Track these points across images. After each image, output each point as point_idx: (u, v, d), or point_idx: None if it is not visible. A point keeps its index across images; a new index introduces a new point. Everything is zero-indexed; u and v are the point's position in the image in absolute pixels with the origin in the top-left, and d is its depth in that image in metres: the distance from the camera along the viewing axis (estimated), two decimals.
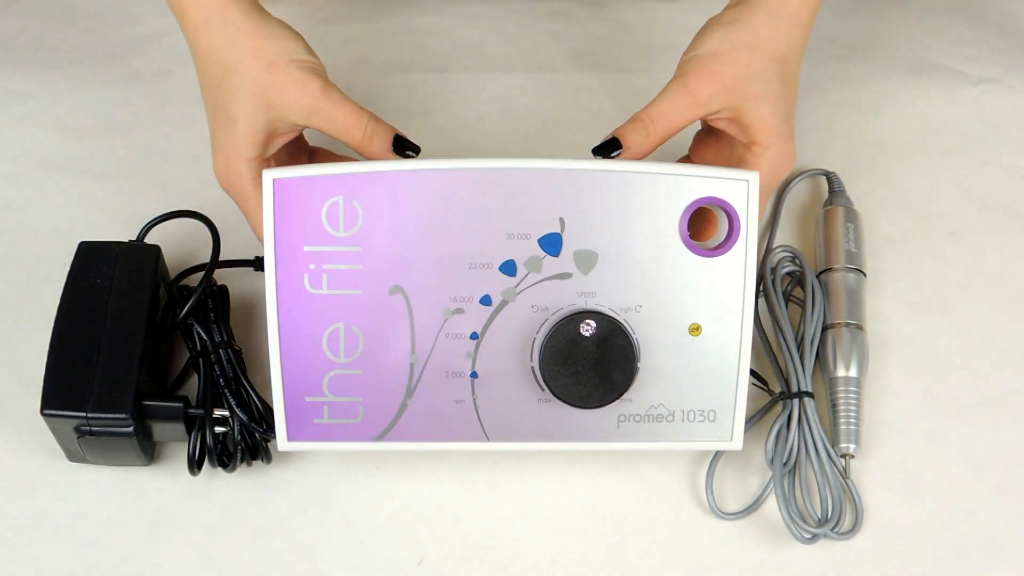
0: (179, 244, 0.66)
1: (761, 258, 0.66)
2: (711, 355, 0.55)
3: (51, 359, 0.56)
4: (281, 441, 0.55)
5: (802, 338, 0.61)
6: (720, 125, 0.58)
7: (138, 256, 0.60)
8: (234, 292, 0.63)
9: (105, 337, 0.56)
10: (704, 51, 0.57)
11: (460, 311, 0.54)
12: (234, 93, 0.55)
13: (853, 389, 0.60)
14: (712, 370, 0.55)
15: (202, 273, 0.60)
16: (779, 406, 0.60)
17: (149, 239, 0.62)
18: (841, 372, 0.60)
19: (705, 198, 0.54)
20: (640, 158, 0.57)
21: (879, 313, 0.65)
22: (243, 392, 0.58)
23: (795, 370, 0.60)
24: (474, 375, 0.54)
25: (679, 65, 0.58)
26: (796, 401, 0.59)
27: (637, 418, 0.55)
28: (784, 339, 0.61)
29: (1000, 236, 0.68)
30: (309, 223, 0.54)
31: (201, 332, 0.59)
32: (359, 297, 0.54)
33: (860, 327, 0.62)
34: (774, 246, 0.66)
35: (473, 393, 0.55)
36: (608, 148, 0.57)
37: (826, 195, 0.69)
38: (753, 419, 0.60)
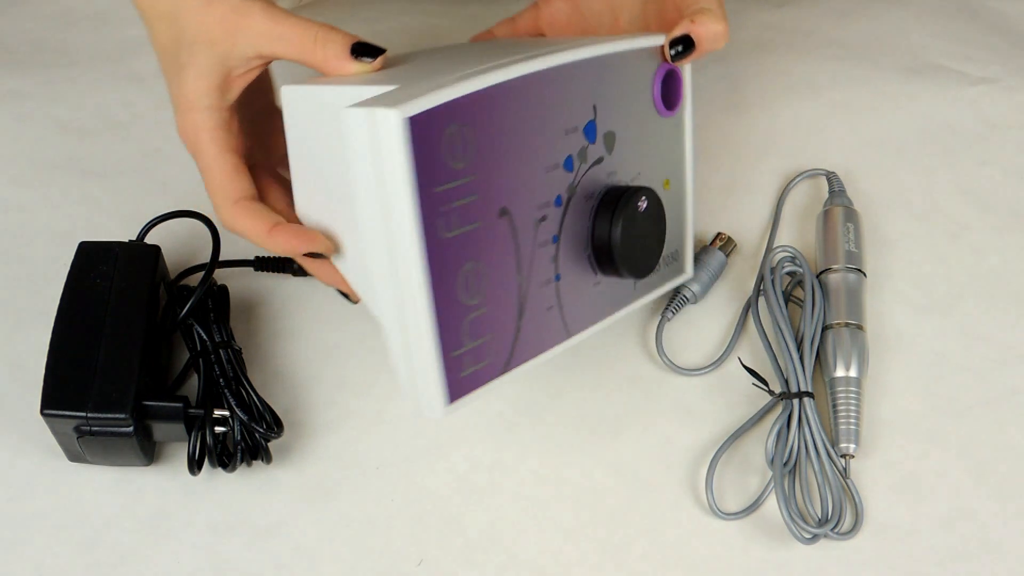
0: (179, 244, 0.66)
1: (762, 258, 0.66)
2: (676, 205, 0.60)
3: (51, 359, 0.56)
4: (438, 408, 0.50)
5: (802, 338, 0.61)
6: None
7: (138, 256, 0.60)
8: (234, 292, 0.64)
9: (105, 337, 0.56)
10: None
11: (544, 218, 0.53)
12: (178, 41, 0.53)
13: (853, 389, 0.60)
14: (676, 218, 0.61)
15: (202, 273, 0.60)
16: (779, 406, 0.60)
17: (149, 239, 0.62)
18: (841, 372, 0.60)
19: (665, 64, 0.57)
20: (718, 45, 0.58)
21: (879, 313, 0.65)
22: (243, 392, 0.58)
23: (795, 370, 0.60)
24: (558, 278, 0.54)
25: None
26: (796, 401, 0.59)
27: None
28: (784, 339, 0.61)
29: (1000, 236, 0.69)
30: (437, 160, 0.47)
31: (201, 332, 0.59)
32: (479, 230, 0.49)
33: (860, 327, 0.62)
34: (774, 246, 0.66)
35: (558, 296, 0.54)
36: (686, 46, 0.57)
37: (826, 195, 0.69)
38: (753, 419, 0.60)
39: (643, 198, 0.55)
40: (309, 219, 0.54)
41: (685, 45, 0.57)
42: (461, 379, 0.50)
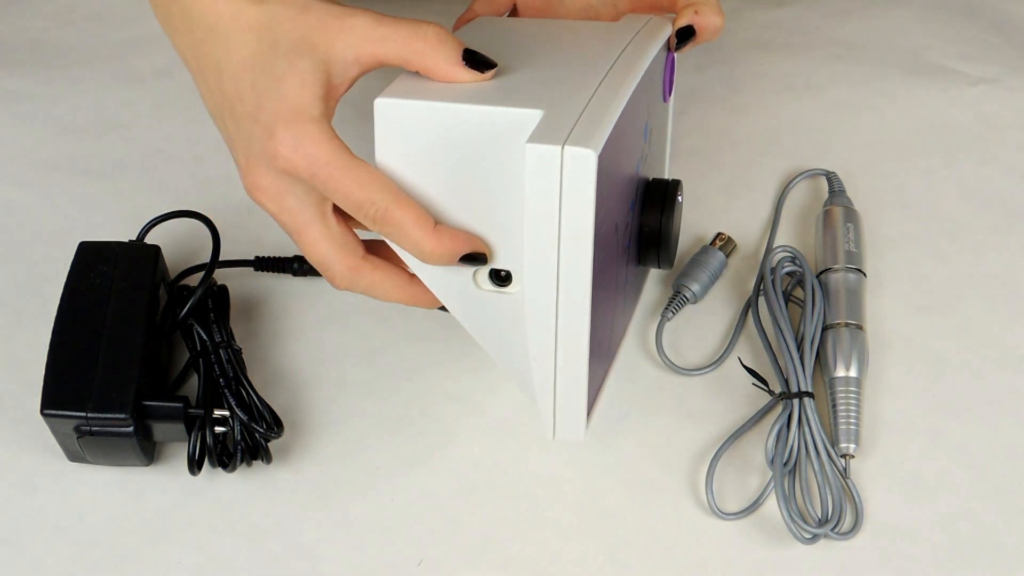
0: (179, 244, 0.66)
1: (762, 258, 0.66)
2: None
3: (51, 359, 0.56)
4: (581, 429, 0.52)
5: (802, 338, 0.61)
6: None
7: (138, 256, 0.60)
8: (234, 292, 0.64)
9: (105, 337, 0.56)
10: None
11: (627, 225, 0.55)
12: (274, 51, 0.48)
13: (853, 389, 0.60)
14: None
15: (202, 273, 0.60)
16: (779, 406, 0.60)
17: (149, 239, 0.62)
18: (841, 372, 0.60)
19: (670, 53, 0.60)
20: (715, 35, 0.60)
21: (879, 313, 0.65)
22: (243, 392, 0.58)
23: (795, 370, 0.60)
24: (627, 281, 0.58)
25: None
26: (796, 401, 0.59)
27: None
28: (784, 339, 0.61)
29: (1000, 236, 0.69)
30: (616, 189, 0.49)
31: (201, 332, 0.59)
32: (606, 252, 0.50)
33: (860, 327, 0.62)
34: (774, 246, 0.66)
35: (624, 296, 0.58)
36: (687, 35, 0.60)
37: (826, 195, 0.69)
38: (753, 419, 0.60)
39: (681, 189, 0.58)
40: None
41: (688, 35, 0.59)
42: (592, 399, 0.54)
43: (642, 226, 0.57)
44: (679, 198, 0.58)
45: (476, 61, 0.49)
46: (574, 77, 0.50)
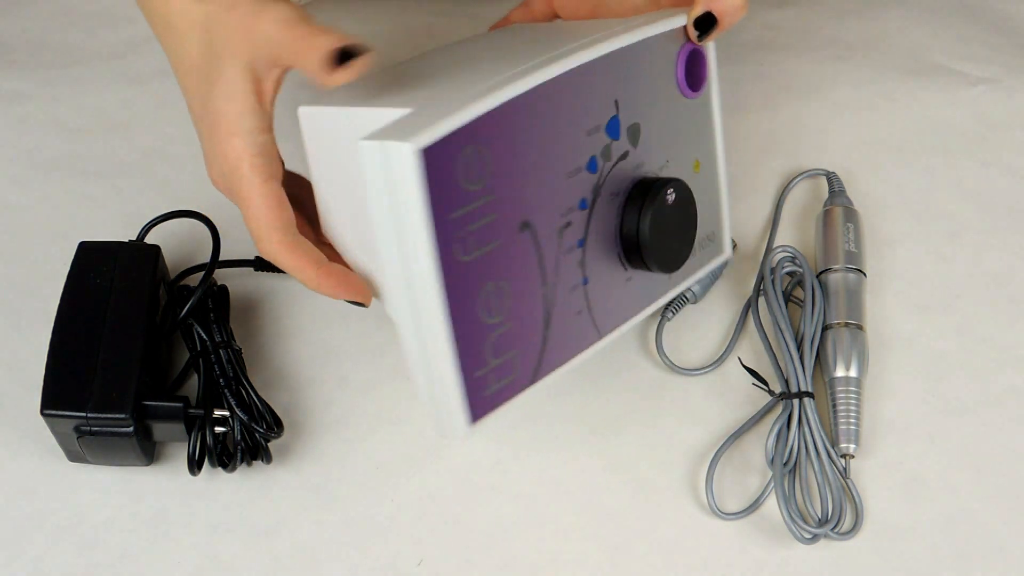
0: (179, 244, 0.66)
1: (762, 258, 0.66)
2: (707, 185, 0.59)
3: (51, 359, 0.56)
4: (461, 429, 0.50)
5: (802, 338, 0.61)
6: None
7: (138, 256, 0.60)
8: (234, 292, 0.64)
9: (105, 337, 0.56)
10: None
11: (569, 224, 0.52)
12: (209, 53, 0.50)
13: (853, 389, 0.60)
14: (709, 199, 0.60)
15: (202, 273, 0.60)
16: (779, 406, 0.60)
17: (149, 239, 0.62)
18: (841, 372, 0.60)
19: (688, 44, 0.56)
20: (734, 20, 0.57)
21: (879, 313, 0.65)
22: (243, 392, 0.58)
23: (795, 370, 0.60)
24: (585, 281, 0.53)
25: None
26: (796, 401, 0.59)
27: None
28: (784, 339, 0.61)
29: (1000, 236, 0.69)
30: (451, 186, 0.46)
31: (201, 332, 0.59)
32: (499, 249, 0.49)
33: (860, 327, 0.62)
34: (774, 246, 0.66)
35: (587, 299, 0.54)
36: (708, 23, 0.56)
37: (826, 195, 0.69)
38: (753, 419, 0.60)
39: (670, 189, 0.54)
40: (333, 243, 0.54)
41: (708, 23, 0.56)
42: (485, 397, 0.50)
43: (620, 229, 0.54)
44: (669, 197, 0.54)
45: (345, 56, 0.47)
46: (476, 73, 0.50)
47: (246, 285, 0.65)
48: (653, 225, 0.54)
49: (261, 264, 0.65)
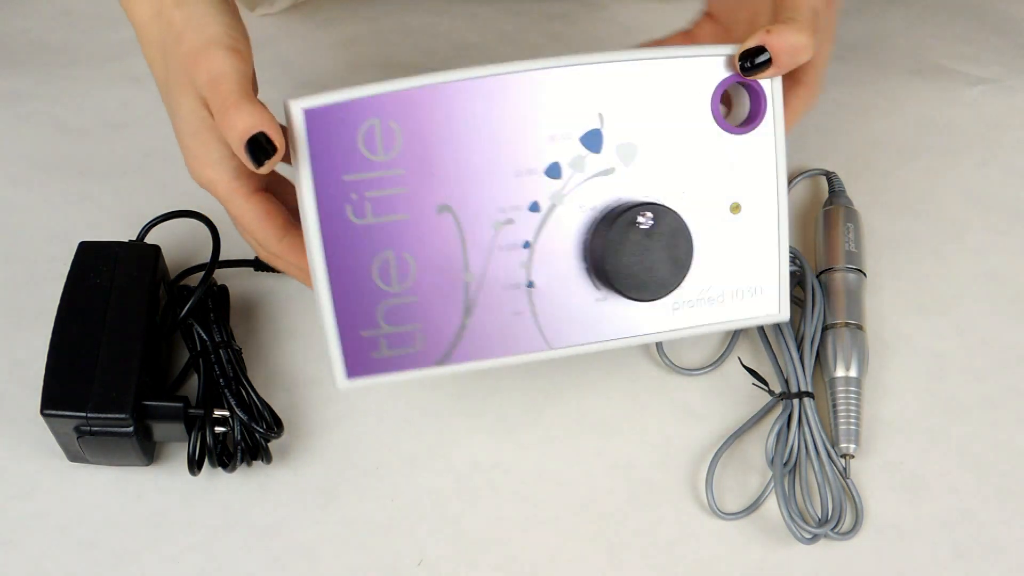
0: (179, 244, 0.66)
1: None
2: (753, 231, 0.55)
3: (51, 359, 0.56)
4: (340, 380, 0.52)
5: (802, 338, 0.61)
6: None
7: (138, 256, 0.60)
8: (234, 292, 0.63)
9: (105, 337, 0.56)
10: None
11: (510, 221, 0.52)
12: (167, 73, 0.52)
13: (853, 389, 0.60)
14: (755, 246, 0.55)
15: (202, 273, 0.60)
16: (779, 406, 0.60)
17: (149, 239, 0.62)
18: (841, 372, 0.60)
19: (732, 76, 0.53)
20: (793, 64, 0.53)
21: (879, 313, 0.65)
22: (243, 392, 0.58)
23: (795, 370, 0.60)
24: (530, 284, 0.53)
25: None
26: (796, 401, 0.59)
27: (690, 303, 0.55)
28: (784, 339, 0.61)
29: (1000, 236, 0.69)
30: (346, 151, 0.50)
31: (201, 332, 0.59)
32: (406, 222, 0.52)
33: (860, 327, 0.62)
34: None
35: (531, 303, 0.53)
36: (756, 60, 0.52)
37: (826, 195, 0.69)
38: (753, 419, 0.60)
39: (646, 214, 0.52)
40: None
41: (758, 58, 0.51)
42: (373, 359, 0.52)
43: (588, 241, 0.53)
44: (642, 221, 0.52)
45: (255, 149, 0.48)
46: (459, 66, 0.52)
47: (246, 285, 0.65)
48: (614, 246, 0.52)
49: (261, 264, 0.65)
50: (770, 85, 0.53)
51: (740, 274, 0.55)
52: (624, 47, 0.53)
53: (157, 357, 0.59)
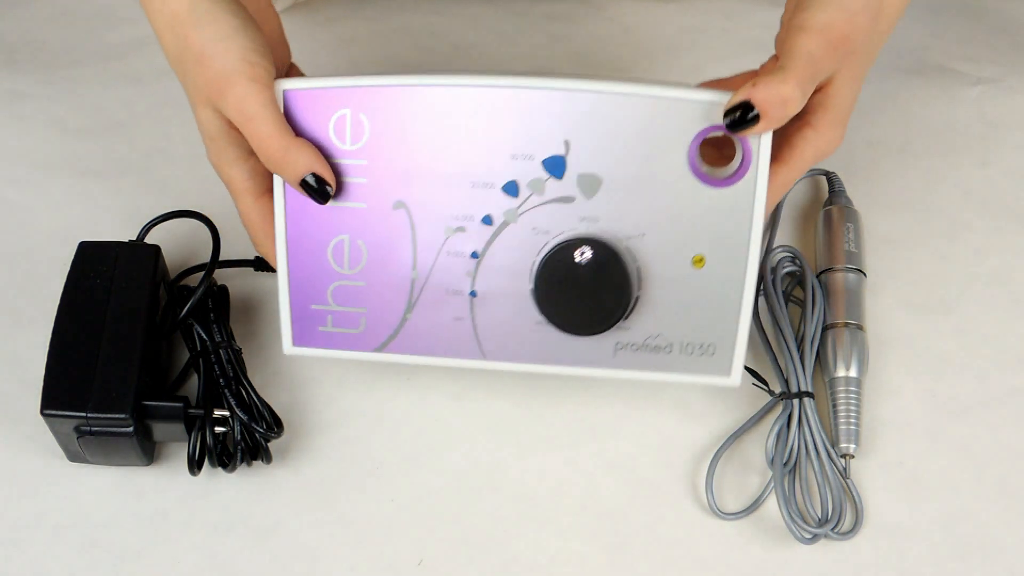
0: (179, 244, 0.66)
1: (761, 257, 0.66)
2: (714, 288, 0.53)
3: (51, 359, 0.56)
4: (287, 345, 0.56)
5: (802, 338, 0.61)
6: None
7: (138, 256, 0.60)
8: (234, 292, 0.63)
9: (105, 337, 0.56)
10: (832, 11, 0.50)
11: (462, 229, 0.53)
12: (184, 75, 0.53)
13: (853, 389, 0.60)
14: (715, 304, 0.53)
15: (202, 273, 0.60)
16: (779, 406, 0.60)
17: (149, 239, 0.62)
18: (841, 372, 0.60)
19: (715, 126, 0.51)
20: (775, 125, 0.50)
21: (879, 313, 0.65)
22: (243, 392, 0.58)
23: (795, 370, 0.60)
24: (473, 294, 0.54)
25: (798, 8, 0.51)
26: (796, 401, 0.59)
27: (634, 347, 0.54)
28: (784, 339, 0.61)
29: (1000, 236, 0.69)
30: (317, 135, 0.53)
31: (201, 332, 0.59)
32: (363, 211, 0.54)
33: (860, 327, 0.62)
34: (774, 246, 0.66)
35: (472, 312, 0.54)
36: (743, 115, 0.49)
37: (826, 195, 0.69)
38: (753, 419, 0.60)
39: (584, 250, 0.52)
40: None
41: (744, 113, 0.48)
42: (318, 332, 0.56)
43: (533, 269, 0.53)
44: (580, 255, 0.52)
45: (311, 189, 0.52)
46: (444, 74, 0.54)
47: (246, 285, 0.65)
48: (547, 274, 0.52)
49: (261, 264, 0.65)
50: (757, 141, 0.51)
51: (693, 329, 0.54)
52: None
53: (157, 357, 0.59)
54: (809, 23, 0.50)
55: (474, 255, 0.54)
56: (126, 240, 0.61)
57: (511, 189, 0.53)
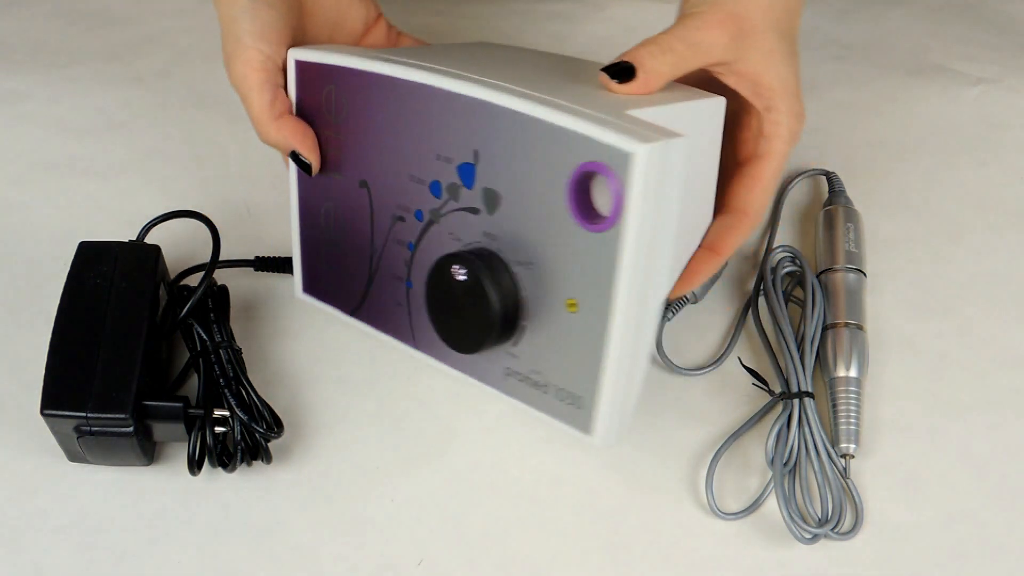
0: (179, 244, 0.66)
1: (762, 258, 0.66)
2: (584, 337, 0.48)
3: (51, 359, 0.56)
4: (297, 291, 0.61)
5: (802, 338, 0.61)
6: (730, 82, 0.52)
7: (138, 256, 0.60)
8: (234, 292, 0.64)
9: (105, 337, 0.56)
10: None
11: (402, 219, 0.54)
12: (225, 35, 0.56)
13: (853, 389, 0.60)
14: (583, 354, 0.49)
15: (202, 273, 0.60)
16: (779, 406, 0.60)
17: (149, 239, 0.62)
18: (841, 372, 0.60)
19: (590, 163, 0.45)
20: (651, 90, 0.49)
21: (879, 313, 0.65)
22: (243, 392, 0.58)
23: (795, 370, 0.60)
24: (408, 284, 0.55)
25: (687, 4, 0.52)
26: (796, 401, 0.59)
27: (519, 376, 0.52)
28: (784, 339, 0.61)
29: (1000, 236, 0.69)
30: (314, 104, 0.56)
31: (201, 332, 0.59)
32: (340, 182, 0.56)
33: (860, 327, 0.62)
34: (774, 246, 0.66)
35: (408, 301, 0.56)
36: (620, 73, 0.49)
37: (826, 195, 0.69)
38: (753, 419, 0.60)
39: (460, 268, 0.49)
40: None
41: (623, 70, 0.48)
42: (320, 285, 0.60)
43: None
44: (458, 274, 0.49)
45: (297, 162, 0.57)
46: (431, 59, 0.54)
47: (246, 285, 0.65)
48: (431, 286, 0.51)
49: (261, 264, 0.65)
50: (630, 190, 0.45)
51: (565, 375, 0.50)
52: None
53: (157, 357, 0.59)
54: (696, 6, 0.51)
55: (410, 247, 0.55)
56: (126, 240, 0.61)
57: (435, 189, 0.52)
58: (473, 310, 0.50)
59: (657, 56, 0.49)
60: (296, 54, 0.55)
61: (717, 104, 0.53)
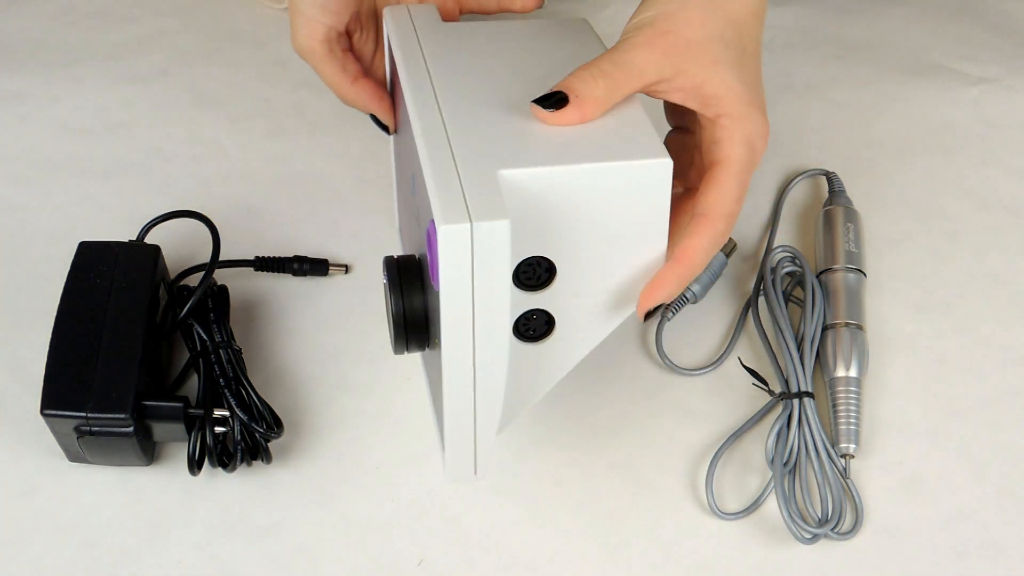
0: (179, 244, 0.66)
1: (762, 258, 0.66)
2: (439, 375, 0.49)
3: (51, 359, 0.56)
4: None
5: (802, 338, 0.61)
6: (676, 99, 0.51)
7: (138, 256, 0.60)
8: (234, 292, 0.63)
9: (105, 337, 0.56)
10: (652, 14, 0.50)
11: (414, 178, 0.54)
12: None
13: (853, 389, 0.60)
14: (438, 391, 0.50)
15: (202, 273, 0.60)
16: (779, 406, 0.60)
17: (149, 239, 0.62)
18: (841, 372, 0.60)
19: (431, 223, 0.45)
20: (590, 117, 0.48)
21: (879, 313, 0.65)
22: (243, 392, 0.58)
23: (795, 370, 0.60)
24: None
25: (623, 33, 0.51)
26: (796, 401, 0.59)
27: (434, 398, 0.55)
28: (784, 339, 0.61)
29: (1000, 236, 0.69)
30: (398, 53, 0.55)
31: (201, 332, 0.59)
32: (406, 142, 0.56)
33: (860, 327, 0.62)
34: (774, 246, 0.66)
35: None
36: (554, 104, 0.48)
37: (826, 195, 0.69)
38: (753, 419, 0.60)
39: (384, 272, 0.52)
40: None
41: (555, 96, 0.48)
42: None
43: None
44: (384, 279, 0.52)
45: (376, 123, 0.61)
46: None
47: (246, 285, 0.65)
48: (389, 279, 0.52)
49: (261, 264, 0.65)
50: (440, 260, 0.44)
51: (437, 405, 0.52)
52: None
53: (157, 357, 0.59)
54: (631, 27, 0.50)
55: (416, 214, 0.55)
56: (126, 240, 0.61)
57: (412, 186, 0.54)
58: (389, 312, 0.52)
59: (589, 81, 0.48)
60: (392, 11, 0.57)
61: (658, 166, 0.48)
